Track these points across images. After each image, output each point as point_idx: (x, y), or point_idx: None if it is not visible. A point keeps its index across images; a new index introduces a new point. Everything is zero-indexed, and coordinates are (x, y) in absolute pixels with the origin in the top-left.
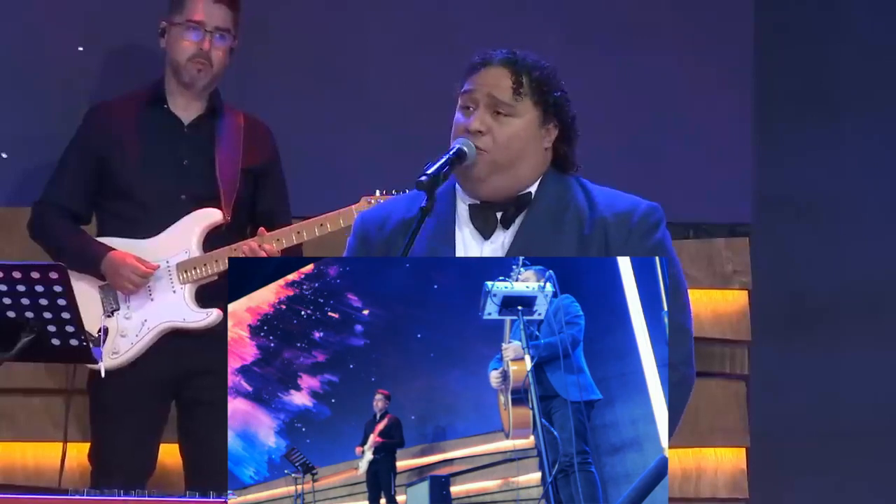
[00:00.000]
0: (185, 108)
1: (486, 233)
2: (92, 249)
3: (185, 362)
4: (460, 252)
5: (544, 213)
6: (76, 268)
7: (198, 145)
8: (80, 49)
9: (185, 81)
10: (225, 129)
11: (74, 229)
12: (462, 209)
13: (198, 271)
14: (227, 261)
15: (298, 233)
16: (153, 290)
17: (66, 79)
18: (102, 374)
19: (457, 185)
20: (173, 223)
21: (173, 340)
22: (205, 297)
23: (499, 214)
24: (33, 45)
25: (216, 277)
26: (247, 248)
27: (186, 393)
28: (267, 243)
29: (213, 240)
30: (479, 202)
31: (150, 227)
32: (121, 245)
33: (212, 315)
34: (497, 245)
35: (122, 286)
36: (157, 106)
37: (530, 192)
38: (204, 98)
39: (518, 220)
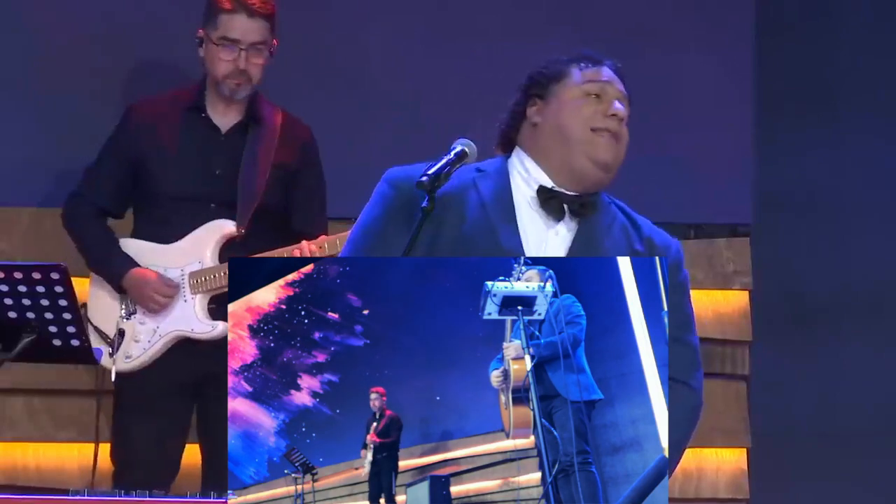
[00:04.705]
0: (224, 115)
1: (555, 218)
2: (115, 263)
3: (200, 368)
4: (523, 230)
5: (602, 217)
6: (98, 273)
7: (232, 154)
8: (78, 51)
9: (224, 95)
10: (259, 136)
11: (102, 233)
12: (526, 191)
13: (209, 282)
14: None
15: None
16: None
17: (70, 81)
18: (112, 378)
19: (519, 166)
20: None
21: (189, 345)
22: (220, 308)
23: (565, 205)
24: (33, 47)
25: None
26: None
27: (202, 399)
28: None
29: (232, 250)
30: (548, 187)
31: (178, 234)
32: (141, 248)
33: (218, 328)
34: (565, 232)
35: (146, 305)
36: (196, 112)
37: (598, 193)
38: (244, 102)
39: (583, 217)
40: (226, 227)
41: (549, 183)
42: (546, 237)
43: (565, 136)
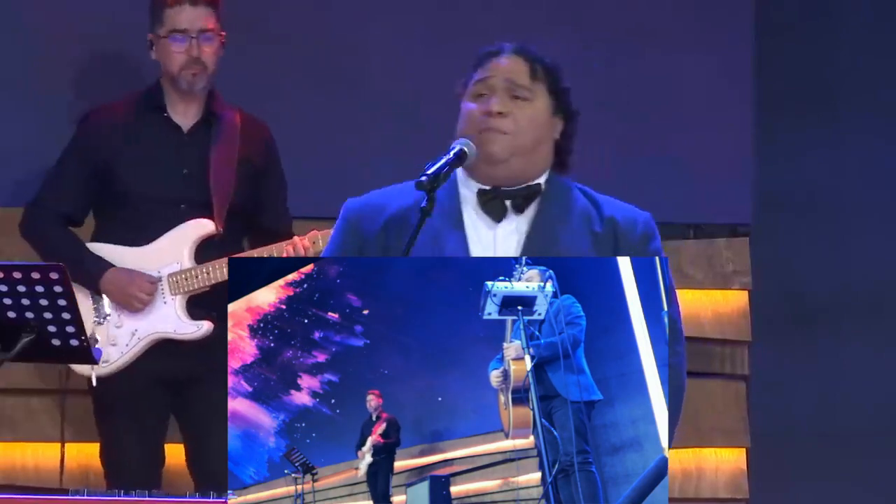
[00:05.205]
0: (184, 115)
1: (496, 218)
2: (88, 264)
3: (181, 367)
4: (471, 234)
5: (555, 205)
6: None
7: (197, 153)
8: (77, 52)
9: (182, 89)
10: (222, 133)
11: (68, 237)
12: (468, 194)
13: (188, 283)
14: (219, 272)
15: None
16: None
17: (67, 81)
18: (94, 383)
19: (460, 171)
20: None
21: (169, 345)
22: (197, 307)
23: (507, 202)
24: (33, 48)
25: (208, 288)
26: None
27: (184, 401)
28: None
29: (206, 249)
30: (487, 188)
31: (148, 235)
32: (113, 252)
33: (202, 328)
34: (511, 228)
35: (129, 304)
36: (157, 113)
37: (539, 183)
38: (202, 100)
39: (532, 207)
40: (205, 227)
41: (485, 185)
42: (492, 236)
43: None
